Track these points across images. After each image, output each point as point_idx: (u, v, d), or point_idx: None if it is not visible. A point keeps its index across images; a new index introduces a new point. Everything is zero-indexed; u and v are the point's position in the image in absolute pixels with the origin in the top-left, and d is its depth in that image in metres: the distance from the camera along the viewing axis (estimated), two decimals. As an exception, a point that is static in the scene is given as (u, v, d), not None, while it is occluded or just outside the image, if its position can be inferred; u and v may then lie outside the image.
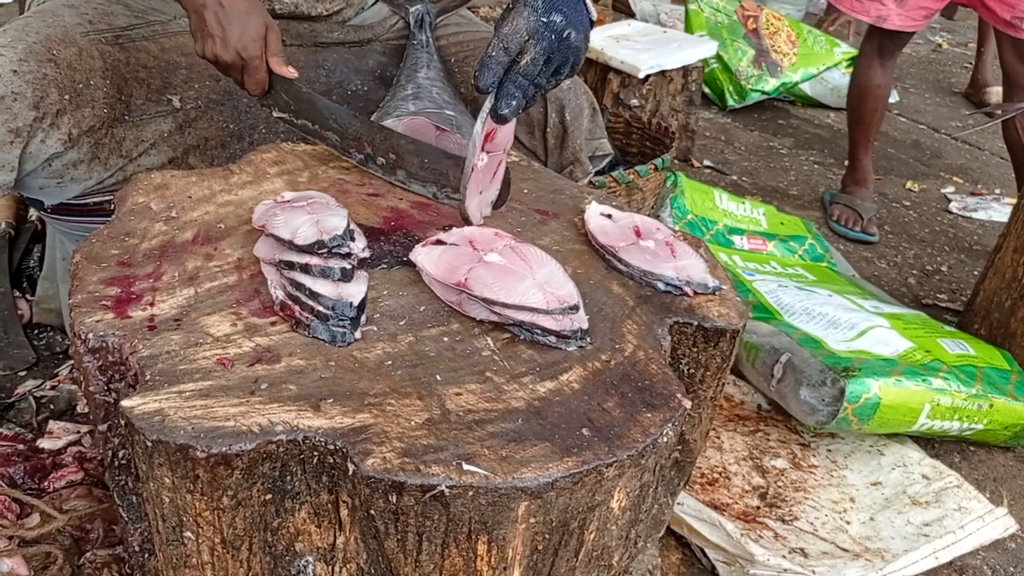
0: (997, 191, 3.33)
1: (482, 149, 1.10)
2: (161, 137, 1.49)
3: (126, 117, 1.46)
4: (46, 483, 1.39)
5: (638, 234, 1.16)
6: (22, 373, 1.76)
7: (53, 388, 1.69)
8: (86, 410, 1.63)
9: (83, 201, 1.47)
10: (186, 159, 1.53)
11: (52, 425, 1.56)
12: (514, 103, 1.07)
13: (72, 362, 1.78)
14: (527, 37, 1.07)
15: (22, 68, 1.32)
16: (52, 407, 1.65)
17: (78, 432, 1.53)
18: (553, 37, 1.07)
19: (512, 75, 1.07)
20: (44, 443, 1.50)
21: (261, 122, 1.58)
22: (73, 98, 1.37)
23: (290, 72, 1.30)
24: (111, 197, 1.47)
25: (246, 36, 1.28)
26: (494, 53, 1.07)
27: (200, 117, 1.53)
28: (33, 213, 2.09)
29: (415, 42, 1.64)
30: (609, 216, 1.20)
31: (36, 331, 1.89)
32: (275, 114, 1.34)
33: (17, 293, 1.94)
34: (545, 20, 1.07)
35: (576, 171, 1.68)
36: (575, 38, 1.10)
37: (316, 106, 1.31)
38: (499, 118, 1.08)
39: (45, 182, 1.41)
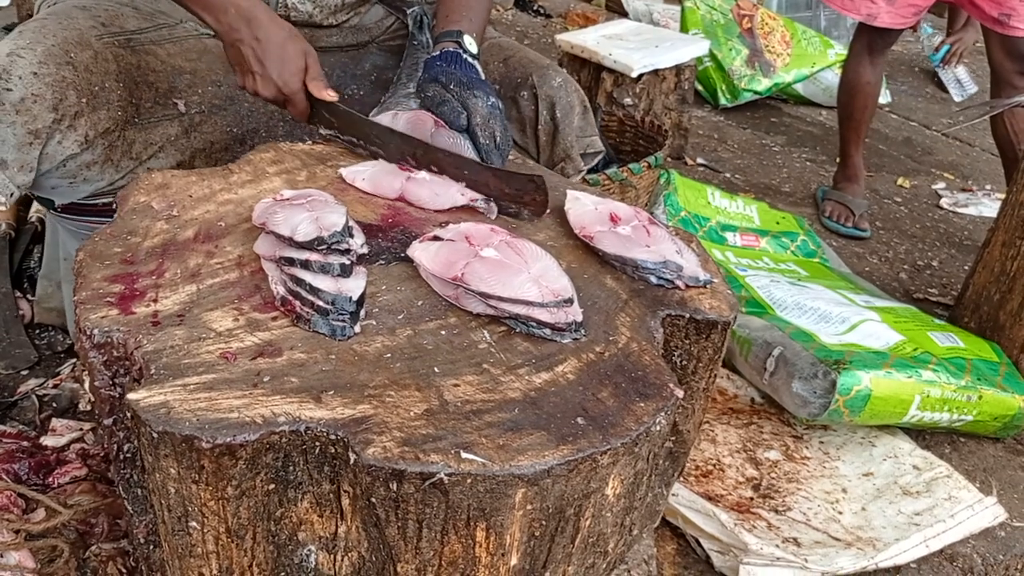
0: (987, 187, 3.36)
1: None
2: (168, 140, 1.51)
3: (136, 120, 1.47)
4: (50, 479, 1.41)
5: (614, 220, 1.19)
6: (24, 372, 1.78)
7: (55, 386, 1.71)
8: (88, 407, 1.65)
9: (93, 201, 1.49)
10: (193, 163, 1.54)
11: (55, 422, 1.57)
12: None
13: (73, 360, 1.80)
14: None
15: (42, 71, 1.33)
16: (54, 405, 1.67)
17: (80, 429, 1.55)
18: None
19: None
20: (47, 440, 1.52)
21: (261, 126, 1.60)
22: (90, 100, 1.38)
23: (330, 95, 1.32)
24: None
25: (285, 71, 1.30)
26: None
27: (204, 121, 1.55)
28: (33, 214, 2.10)
29: (415, 43, 1.66)
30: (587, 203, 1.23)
31: (37, 331, 1.90)
32: (322, 131, 1.35)
33: (18, 293, 1.96)
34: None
35: (567, 168, 1.70)
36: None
37: (358, 124, 1.32)
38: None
39: (58, 182, 1.43)
